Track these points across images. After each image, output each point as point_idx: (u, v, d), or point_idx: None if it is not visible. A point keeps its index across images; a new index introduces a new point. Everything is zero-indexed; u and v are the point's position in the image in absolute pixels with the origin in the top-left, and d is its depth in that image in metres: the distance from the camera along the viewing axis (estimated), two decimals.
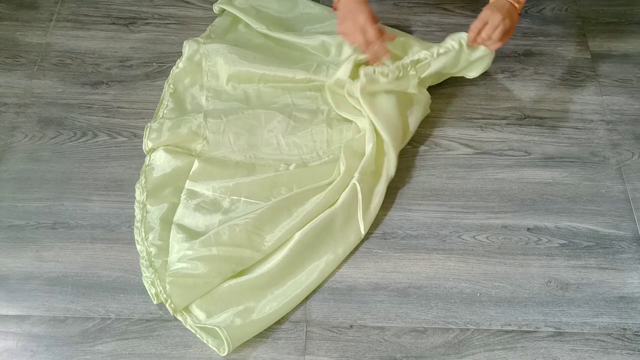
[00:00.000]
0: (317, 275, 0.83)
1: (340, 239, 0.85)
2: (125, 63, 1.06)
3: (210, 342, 0.77)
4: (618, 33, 1.13)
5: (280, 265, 0.81)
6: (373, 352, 0.79)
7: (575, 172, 0.95)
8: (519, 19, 0.86)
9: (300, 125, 0.94)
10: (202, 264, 0.79)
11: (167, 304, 0.77)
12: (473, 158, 0.96)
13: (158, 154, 0.90)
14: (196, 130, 0.92)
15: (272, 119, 0.94)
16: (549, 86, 1.05)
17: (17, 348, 0.78)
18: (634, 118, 1.02)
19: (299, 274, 0.83)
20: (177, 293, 0.78)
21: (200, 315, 0.78)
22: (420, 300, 0.83)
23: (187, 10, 1.14)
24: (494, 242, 0.88)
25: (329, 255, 0.84)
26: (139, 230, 0.85)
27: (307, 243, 0.83)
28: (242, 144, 0.92)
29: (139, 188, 0.88)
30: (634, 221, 0.90)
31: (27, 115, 0.99)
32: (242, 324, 0.77)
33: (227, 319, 0.78)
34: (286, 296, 0.80)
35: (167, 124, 0.93)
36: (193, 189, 0.88)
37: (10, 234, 0.87)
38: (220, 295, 0.80)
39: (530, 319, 0.81)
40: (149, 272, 0.80)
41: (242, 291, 0.80)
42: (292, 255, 0.82)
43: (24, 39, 1.08)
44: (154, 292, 0.79)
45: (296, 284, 0.82)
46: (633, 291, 0.84)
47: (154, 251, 0.82)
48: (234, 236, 0.82)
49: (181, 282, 0.78)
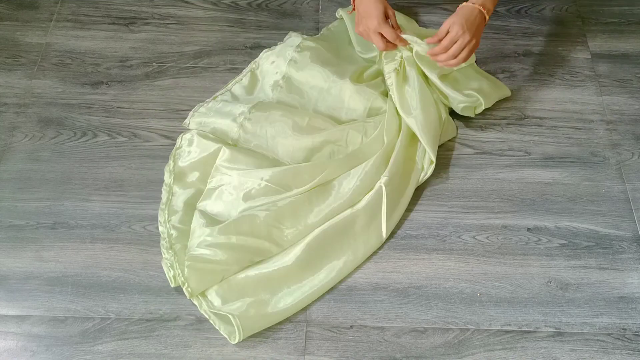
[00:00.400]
0: (334, 274, 0.83)
1: (361, 241, 0.85)
2: (125, 63, 1.06)
3: (222, 328, 0.77)
4: (618, 33, 1.13)
5: (298, 260, 0.82)
6: (373, 352, 0.79)
7: (575, 172, 0.95)
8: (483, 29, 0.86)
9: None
10: (221, 251, 0.80)
11: (184, 287, 0.78)
12: (473, 158, 0.96)
13: (190, 137, 0.92)
14: (237, 118, 0.93)
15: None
16: (549, 86, 1.05)
17: (17, 348, 0.78)
18: (634, 118, 1.02)
19: (317, 272, 0.83)
20: (195, 277, 0.79)
21: (215, 301, 0.79)
22: (420, 300, 0.83)
23: (187, 10, 1.14)
24: (494, 242, 0.88)
25: (348, 255, 0.84)
26: (162, 212, 0.86)
27: (326, 241, 0.84)
28: (275, 144, 0.93)
29: (167, 171, 0.90)
30: (634, 221, 0.90)
31: (27, 115, 0.99)
32: (255, 315, 0.78)
33: (241, 308, 0.78)
34: (302, 293, 0.81)
35: (218, 106, 0.95)
36: (218, 175, 0.89)
37: (10, 234, 0.87)
38: (237, 283, 0.81)
39: (530, 319, 0.81)
40: (169, 255, 0.81)
41: (258, 282, 0.81)
42: (309, 252, 0.82)
43: (24, 39, 1.08)
44: (172, 275, 0.79)
45: (313, 282, 0.82)
46: (633, 291, 0.84)
47: (174, 234, 0.84)
48: (254, 227, 0.82)
49: (199, 267, 0.79)
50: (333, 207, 0.85)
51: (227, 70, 1.05)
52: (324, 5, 1.15)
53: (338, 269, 0.83)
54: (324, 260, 0.83)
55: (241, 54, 1.08)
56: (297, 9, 1.15)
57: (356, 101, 0.96)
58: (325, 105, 0.97)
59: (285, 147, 0.91)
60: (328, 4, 1.15)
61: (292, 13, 1.14)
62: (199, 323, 0.80)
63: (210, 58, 1.07)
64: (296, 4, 1.15)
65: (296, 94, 0.98)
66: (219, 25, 1.12)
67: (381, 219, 0.86)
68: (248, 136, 0.92)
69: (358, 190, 0.87)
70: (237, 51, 1.08)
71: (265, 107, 0.94)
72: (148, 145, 0.96)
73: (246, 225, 0.82)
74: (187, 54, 1.07)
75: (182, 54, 1.07)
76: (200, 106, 0.97)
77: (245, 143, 0.92)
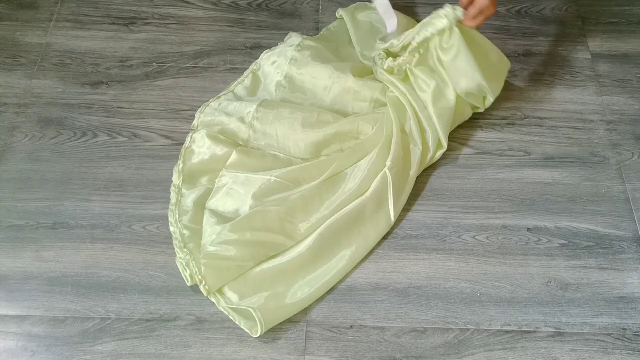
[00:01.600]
0: (347, 261, 0.84)
1: (371, 225, 0.86)
2: (125, 63, 1.06)
3: (243, 323, 0.78)
4: (618, 33, 1.13)
5: (311, 250, 0.83)
6: (373, 352, 0.79)
7: (575, 172, 0.95)
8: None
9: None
10: (236, 247, 0.81)
11: (202, 285, 0.79)
12: (473, 158, 0.96)
13: (199, 138, 0.92)
14: (244, 117, 0.93)
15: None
16: (549, 86, 1.05)
17: (17, 348, 0.78)
18: (634, 118, 1.02)
19: (330, 260, 0.84)
20: (212, 275, 0.79)
21: (232, 297, 0.80)
22: (420, 300, 0.83)
23: (187, 10, 1.14)
24: (493, 242, 0.88)
25: (359, 242, 0.85)
26: (172, 213, 0.86)
27: (337, 230, 0.84)
28: (285, 141, 0.93)
29: (176, 172, 0.90)
30: (634, 221, 0.90)
31: (27, 115, 0.99)
32: (275, 307, 0.79)
33: (259, 301, 0.79)
34: (317, 281, 0.82)
35: (223, 105, 0.95)
36: (227, 174, 0.89)
37: (10, 234, 0.87)
38: (253, 278, 0.81)
39: (530, 319, 0.81)
40: (183, 254, 0.82)
41: (273, 275, 0.82)
42: (322, 241, 0.83)
43: (24, 39, 1.08)
44: (188, 274, 0.80)
45: (327, 270, 0.83)
46: (633, 291, 0.84)
47: (187, 233, 0.84)
48: (267, 222, 0.83)
49: (215, 265, 0.80)
50: (342, 199, 0.86)
51: (227, 70, 1.05)
52: (324, 5, 1.15)
53: (350, 254, 0.84)
54: (336, 248, 0.84)
55: (241, 54, 1.08)
56: (297, 9, 1.15)
57: (362, 94, 0.97)
58: (330, 101, 0.98)
59: (296, 142, 0.92)
60: (328, 4, 1.15)
61: (292, 13, 1.14)
62: (199, 323, 0.80)
63: (210, 58, 1.07)
64: (296, 4, 1.15)
65: (300, 93, 0.99)
66: (219, 25, 1.12)
67: (389, 204, 0.87)
68: (258, 135, 0.93)
69: (366, 179, 0.88)
70: (237, 51, 1.08)
71: (272, 104, 0.95)
72: (148, 145, 0.96)
73: (259, 220, 0.83)
74: (187, 54, 1.07)
75: (182, 54, 1.07)
76: (206, 106, 0.97)
77: (256, 142, 0.93)
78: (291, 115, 0.93)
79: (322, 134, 0.92)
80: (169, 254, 0.85)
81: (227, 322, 0.80)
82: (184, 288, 0.82)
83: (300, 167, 0.89)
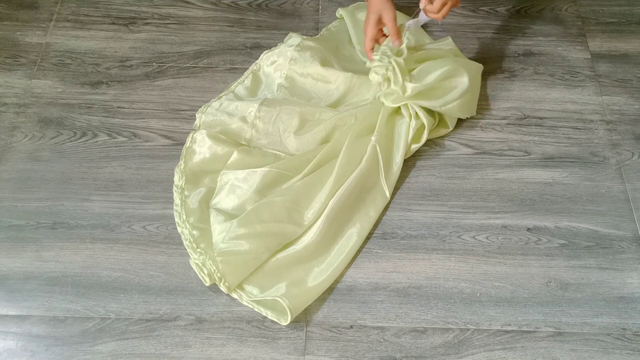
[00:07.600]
0: (356, 238, 0.85)
1: (370, 202, 0.88)
2: (125, 63, 1.06)
3: (270, 314, 0.79)
4: (618, 33, 1.13)
5: (321, 233, 0.84)
6: (373, 352, 0.79)
7: (575, 172, 0.95)
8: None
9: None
10: (248, 241, 0.81)
11: (222, 283, 0.79)
12: (473, 158, 0.96)
13: (200, 138, 0.92)
14: (247, 117, 0.93)
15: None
16: (549, 86, 1.05)
17: (17, 348, 0.78)
18: (634, 118, 1.02)
19: (340, 240, 0.85)
20: (230, 271, 0.80)
21: (253, 291, 0.81)
22: (420, 300, 0.83)
23: (187, 10, 1.14)
24: (494, 242, 0.88)
25: (362, 218, 0.87)
26: (179, 214, 0.86)
27: (340, 209, 0.86)
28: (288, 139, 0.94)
29: (178, 172, 0.90)
30: (634, 221, 0.90)
31: (27, 115, 0.99)
32: (299, 293, 0.80)
33: (281, 290, 0.80)
34: (334, 261, 0.83)
35: (224, 105, 0.95)
36: (228, 174, 0.90)
37: (10, 234, 0.87)
38: (270, 269, 0.82)
39: (530, 319, 0.81)
40: (197, 254, 0.82)
41: (289, 264, 0.83)
42: (329, 223, 0.84)
43: (24, 39, 1.08)
44: (206, 273, 0.80)
45: (340, 250, 0.85)
46: (633, 291, 0.84)
47: (197, 234, 0.84)
48: (275, 212, 0.84)
49: (232, 261, 0.80)
50: (337, 174, 0.87)
51: (227, 70, 1.05)
52: (324, 5, 1.15)
53: (357, 231, 0.86)
54: (344, 228, 0.86)
55: (241, 54, 1.08)
56: (297, 9, 1.15)
57: (364, 91, 0.97)
58: (332, 99, 0.98)
59: (299, 139, 0.93)
60: (328, 4, 1.15)
61: (292, 13, 1.14)
62: (199, 323, 0.80)
63: (210, 58, 1.07)
64: (296, 4, 1.15)
65: (301, 93, 0.99)
66: (219, 25, 1.12)
67: (381, 179, 0.90)
68: (260, 135, 0.93)
69: (355, 148, 0.89)
70: (237, 51, 1.08)
71: (274, 103, 0.95)
72: (148, 145, 0.96)
73: (266, 212, 0.84)
74: (187, 54, 1.07)
75: (182, 54, 1.07)
76: (207, 106, 0.97)
77: (258, 141, 0.93)
78: (292, 114, 0.93)
79: (323, 128, 0.93)
80: (169, 254, 0.85)
81: (227, 322, 0.80)
82: (184, 288, 0.82)
83: (298, 156, 0.91)
